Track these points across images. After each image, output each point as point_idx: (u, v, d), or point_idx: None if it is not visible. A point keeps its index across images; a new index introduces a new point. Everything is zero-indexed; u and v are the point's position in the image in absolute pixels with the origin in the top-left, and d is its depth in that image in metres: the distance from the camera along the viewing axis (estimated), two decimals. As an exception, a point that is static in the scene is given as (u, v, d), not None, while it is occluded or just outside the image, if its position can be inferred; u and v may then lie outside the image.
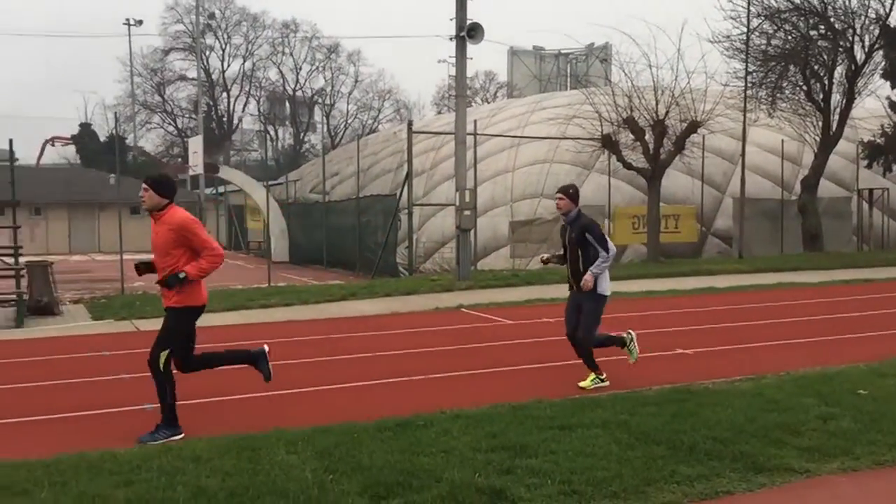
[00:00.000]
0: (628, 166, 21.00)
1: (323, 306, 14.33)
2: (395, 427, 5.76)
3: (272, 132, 64.79)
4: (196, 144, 33.12)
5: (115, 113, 48.19)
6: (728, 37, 23.23)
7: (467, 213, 17.39)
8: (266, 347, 6.34)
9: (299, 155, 61.65)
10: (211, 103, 61.65)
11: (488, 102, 55.87)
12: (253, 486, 4.54)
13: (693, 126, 20.73)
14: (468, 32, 17.13)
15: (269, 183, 30.04)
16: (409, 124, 21.34)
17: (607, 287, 7.35)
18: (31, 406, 6.97)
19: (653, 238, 21.26)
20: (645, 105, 20.71)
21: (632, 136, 20.95)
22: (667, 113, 20.57)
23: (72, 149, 57.35)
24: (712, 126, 21.29)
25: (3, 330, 12.24)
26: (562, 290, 15.62)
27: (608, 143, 21.03)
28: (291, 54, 63.43)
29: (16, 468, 4.86)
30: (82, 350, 10.11)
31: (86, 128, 56.91)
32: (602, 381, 7.35)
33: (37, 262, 14.53)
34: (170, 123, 62.13)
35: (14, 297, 13.25)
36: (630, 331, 7.73)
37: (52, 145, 57.75)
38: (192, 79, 57.73)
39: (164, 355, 5.76)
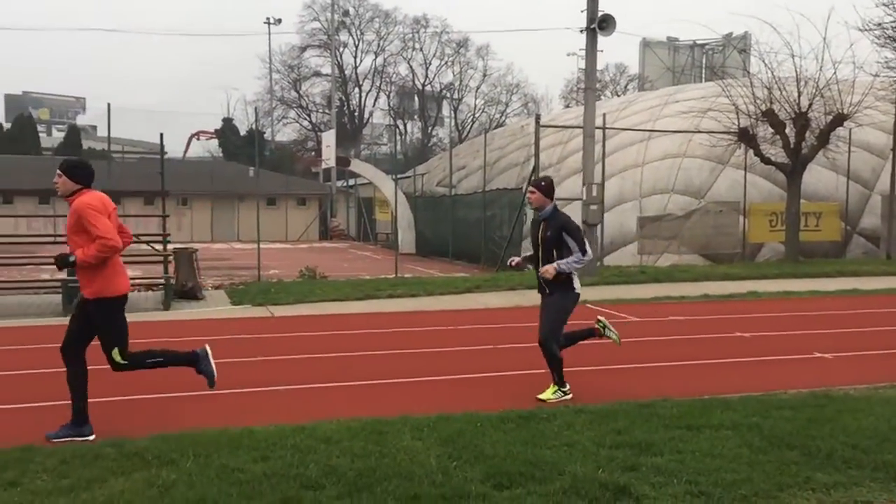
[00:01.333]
0: (766, 161, 20.11)
1: (447, 298, 14.53)
2: (517, 418, 5.80)
3: (401, 126, 66.02)
4: (329, 138, 34.27)
5: (256, 108, 50.45)
6: (880, 24, 21.75)
7: (594, 207, 17.17)
8: (93, 436, 5.59)
9: (427, 149, 62.58)
10: (343, 98, 63.46)
11: (618, 95, 54.84)
12: (380, 469, 4.69)
13: (839, 119, 19.60)
14: (599, 24, 16.87)
15: (398, 176, 30.68)
16: (537, 118, 21.25)
17: (579, 286, 6.78)
18: (177, 383, 7.44)
19: (791, 236, 20.28)
20: (786, 97, 19.74)
21: (771, 130, 20.03)
22: (810, 105, 19.54)
23: (215, 142, 60.58)
24: (860, 119, 20.04)
25: (153, 312, 13.11)
26: (692, 289, 15.26)
27: (745, 137, 20.21)
28: (421, 49, 64.46)
29: (165, 440, 5.22)
30: (222, 333, 10.69)
31: (228, 122, 59.88)
32: (565, 394, 6.71)
33: (183, 250, 15.42)
34: (304, 118, 64.45)
35: (163, 281, 14.17)
36: (600, 318, 7.30)
37: (198, 139, 61.29)
38: (327, 75, 59.60)
39: (116, 356, 5.66)
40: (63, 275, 14.38)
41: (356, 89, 65.07)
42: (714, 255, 21.28)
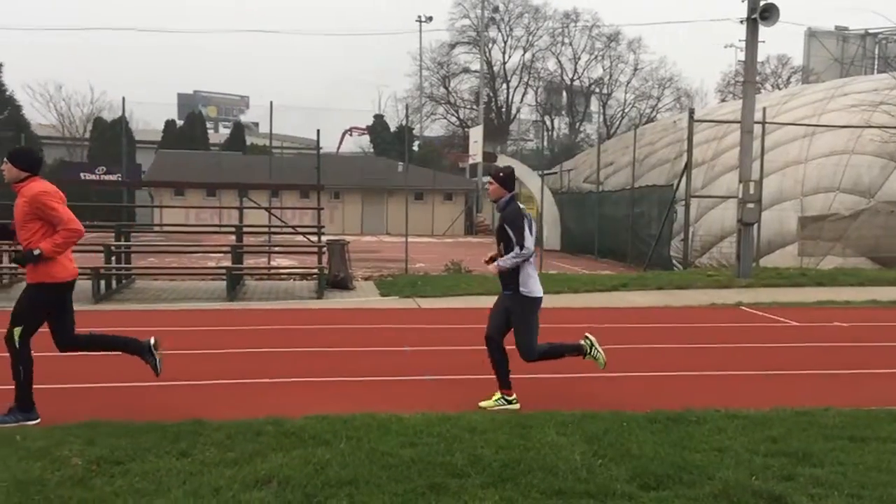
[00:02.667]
0: (946, 158, 18.53)
1: (592, 296, 14.34)
2: (665, 420, 5.67)
3: (548, 122, 65.59)
4: (476, 134, 34.57)
5: (406, 105, 51.61)
6: None
7: (751, 206, 16.42)
8: (153, 340, 5.98)
9: (574, 144, 61.82)
10: (491, 94, 63.78)
11: (780, 88, 52.06)
12: (524, 461, 4.72)
13: None
14: (761, 14, 16.10)
15: (544, 172, 30.55)
16: (691, 112, 20.55)
17: (536, 288, 6.24)
18: (331, 368, 7.78)
19: (974, 240, 18.60)
20: (971, 88, 18.12)
21: (952, 124, 18.45)
22: None
23: (366, 138, 62.43)
24: None
25: (307, 300, 13.72)
26: (858, 294, 14.32)
27: (922, 132, 18.70)
28: (571, 44, 63.68)
29: (319, 421, 5.48)
30: (371, 322, 11.05)
31: (379, 119, 61.56)
32: (509, 402, 6.26)
33: (335, 241, 16.04)
34: (452, 114, 65.28)
35: (316, 271, 14.81)
36: (588, 335, 6.67)
37: (350, 135, 63.29)
38: (475, 71, 60.14)
39: (17, 331, 5.51)
40: (228, 262, 15.35)
41: (504, 85, 65.24)
42: (884, 258, 19.83)
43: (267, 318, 11.21)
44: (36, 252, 5.43)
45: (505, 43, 63.91)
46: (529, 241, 6.16)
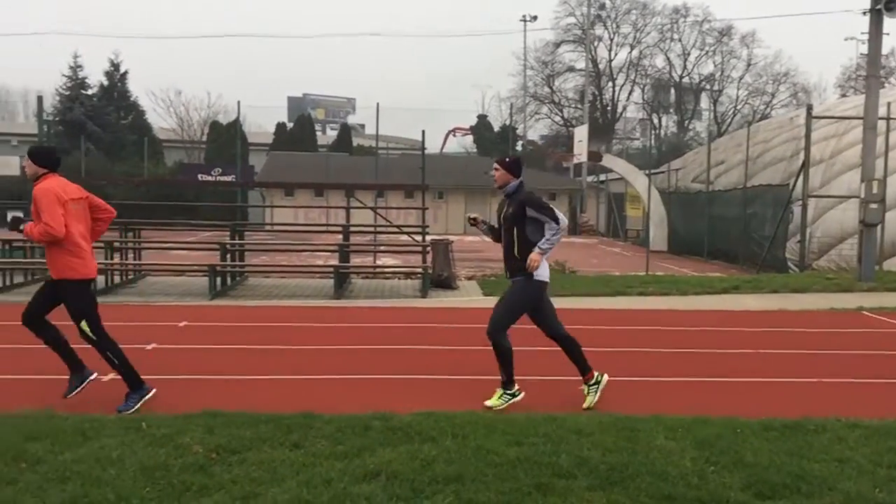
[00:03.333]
0: None
1: (702, 298, 13.94)
2: (781, 428, 5.47)
3: (656, 120, 64.17)
4: (581, 133, 34.10)
5: (511, 105, 51.49)
6: None
7: (874, 206, 15.59)
8: (94, 374, 6.10)
9: (682, 143, 60.21)
10: (596, 93, 62.89)
11: (905, 82, 49.16)
12: (632, 465, 4.64)
13: None
14: (886, 4, 15.25)
15: (651, 171, 29.90)
16: (809, 109, 19.70)
17: (546, 272, 6.12)
18: (436, 366, 7.87)
19: None
20: None
21: None
22: None
23: (469, 138, 62.74)
24: None
25: (411, 298, 13.90)
26: None
27: None
28: (680, 40, 62.07)
29: (426, 417, 5.55)
30: (474, 322, 11.07)
31: (482, 119, 61.72)
32: (598, 381, 6.23)
33: (439, 241, 16.17)
34: (556, 114, 64.74)
35: (421, 270, 14.98)
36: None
37: (454, 136, 63.71)
38: (580, 70, 59.45)
39: (84, 326, 5.84)
40: (335, 261, 15.74)
41: (610, 83, 64.21)
42: None
43: (373, 316, 11.43)
44: (21, 226, 5.91)
45: (611, 40, 62.87)
46: (560, 213, 6.09)
